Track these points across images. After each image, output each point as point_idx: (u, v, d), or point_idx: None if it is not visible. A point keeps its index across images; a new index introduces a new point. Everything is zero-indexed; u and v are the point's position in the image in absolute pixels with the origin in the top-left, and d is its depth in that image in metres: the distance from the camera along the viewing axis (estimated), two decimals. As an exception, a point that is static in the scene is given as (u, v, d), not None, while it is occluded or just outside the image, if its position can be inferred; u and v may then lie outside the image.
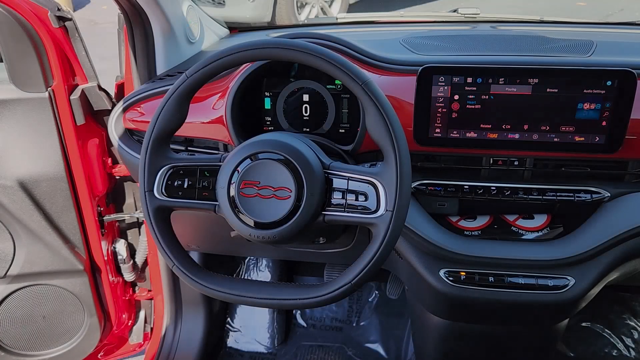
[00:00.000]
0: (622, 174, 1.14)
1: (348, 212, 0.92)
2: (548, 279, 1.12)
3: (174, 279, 1.76)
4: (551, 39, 1.31)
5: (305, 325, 2.11)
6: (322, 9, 5.05)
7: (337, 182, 0.93)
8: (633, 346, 1.97)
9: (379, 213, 0.89)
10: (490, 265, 1.14)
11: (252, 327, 2.06)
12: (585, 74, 1.03)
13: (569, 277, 1.11)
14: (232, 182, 0.93)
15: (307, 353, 2.00)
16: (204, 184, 0.97)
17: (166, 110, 0.95)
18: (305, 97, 1.23)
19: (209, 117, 1.23)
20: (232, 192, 0.93)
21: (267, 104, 1.26)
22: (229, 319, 2.08)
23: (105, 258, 1.63)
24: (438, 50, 1.24)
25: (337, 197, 0.92)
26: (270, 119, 1.27)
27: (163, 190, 0.97)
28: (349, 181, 0.92)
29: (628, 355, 1.95)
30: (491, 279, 1.13)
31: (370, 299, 2.13)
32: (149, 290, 1.83)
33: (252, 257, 2.11)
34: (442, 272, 1.15)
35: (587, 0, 5.63)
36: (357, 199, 0.91)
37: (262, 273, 2.09)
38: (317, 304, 0.93)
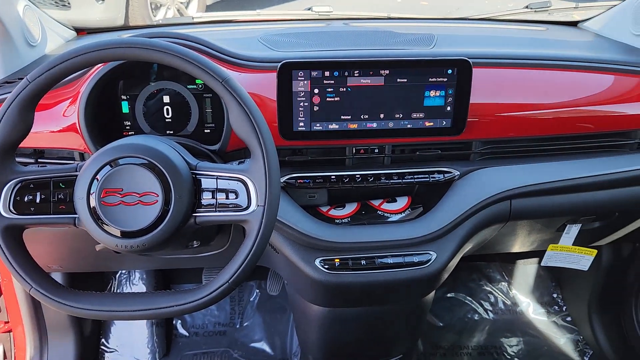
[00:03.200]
0: (467, 154, 1.26)
1: (219, 211, 0.91)
2: (413, 255, 1.20)
3: (35, 305, 1.60)
4: (398, 33, 1.41)
5: (187, 334, 2.05)
6: (178, 10, 4.90)
7: (206, 182, 0.91)
8: (491, 309, 2.20)
9: (251, 209, 0.89)
10: (362, 250, 1.20)
11: (129, 344, 1.95)
12: (429, 64, 1.12)
13: (431, 252, 1.21)
14: (91, 191, 0.87)
15: (192, 362, 1.95)
16: (59, 196, 0.90)
17: (7, 120, 0.87)
18: (166, 99, 1.19)
19: (59, 125, 1.14)
20: (93, 203, 0.87)
21: (125, 107, 1.19)
22: (103, 339, 1.94)
23: (-52, 292, 1.45)
24: (296, 46, 1.27)
25: (207, 198, 0.91)
26: (130, 124, 1.21)
27: (11, 208, 0.89)
28: (218, 180, 0.91)
29: (487, 317, 2.17)
30: (363, 262, 1.19)
31: (251, 299, 2.13)
32: (6, 322, 1.65)
33: (124, 271, 2.00)
34: (317, 261, 1.18)
35: (429, 0, 6.12)
36: (227, 197, 0.90)
37: (136, 287, 1.99)
38: (196, 308, 0.91)
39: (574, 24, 1.78)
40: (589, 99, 1.25)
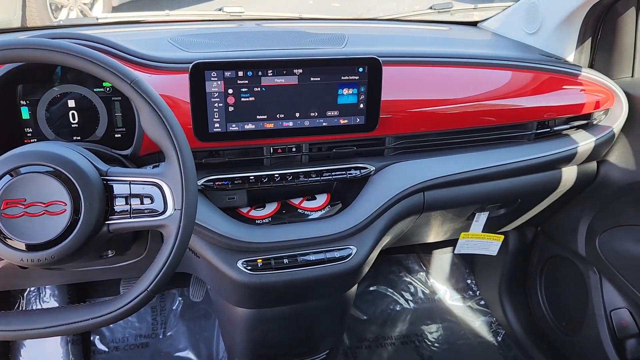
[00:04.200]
0: (382, 149, 1.30)
1: (134, 217, 0.88)
2: (334, 251, 1.22)
3: None
4: (310, 33, 1.43)
5: (106, 349, 1.96)
6: (81, 11, 4.66)
7: (118, 188, 0.88)
8: (411, 298, 2.28)
9: (168, 213, 0.87)
10: (284, 249, 1.20)
11: (42, 366, 1.84)
12: (341, 62, 1.15)
13: (351, 247, 1.23)
14: None
15: (113, 378, 1.87)
16: None
17: None
18: (71, 103, 1.13)
19: (-51, 134, 1.05)
20: (-8, 216, 0.81)
21: (25, 113, 1.12)
22: (11, 363, 1.82)
23: None
24: (207, 47, 1.26)
25: (120, 204, 0.88)
26: (31, 130, 1.13)
27: None
28: (131, 185, 0.88)
29: (408, 307, 2.25)
30: (286, 261, 1.19)
31: (174, 307, 2.08)
32: None
33: (32, 288, 1.87)
34: (239, 263, 1.17)
35: (340, 2, 6.25)
36: (142, 203, 0.88)
37: (48, 304, 1.88)
38: (114, 320, 0.87)
39: (473, 24, 1.89)
40: (490, 94, 1.33)
